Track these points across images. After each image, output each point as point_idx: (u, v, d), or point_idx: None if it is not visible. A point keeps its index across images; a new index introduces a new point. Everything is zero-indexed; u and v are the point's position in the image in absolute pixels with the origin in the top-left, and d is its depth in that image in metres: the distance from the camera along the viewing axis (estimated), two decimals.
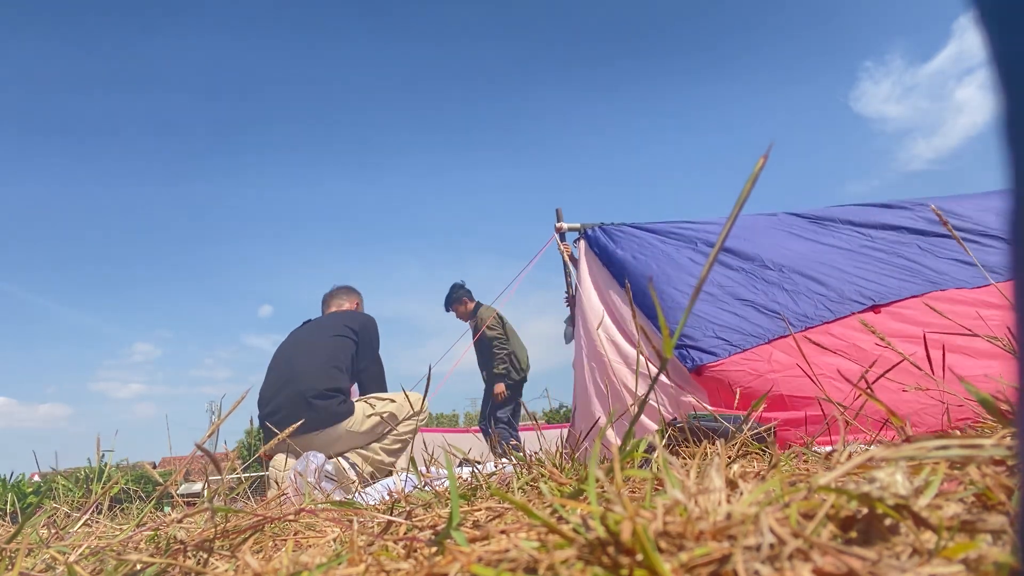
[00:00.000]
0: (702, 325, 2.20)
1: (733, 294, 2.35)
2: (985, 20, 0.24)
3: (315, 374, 2.31)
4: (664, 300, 2.36)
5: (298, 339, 2.55)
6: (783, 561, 0.31)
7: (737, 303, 2.31)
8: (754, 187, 0.36)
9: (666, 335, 0.39)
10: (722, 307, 2.30)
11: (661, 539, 0.35)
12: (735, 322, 2.21)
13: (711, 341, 2.14)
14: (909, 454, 0.38)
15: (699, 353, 2.11)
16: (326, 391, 2.27)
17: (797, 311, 2.23)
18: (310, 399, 2.23)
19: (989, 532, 0.34)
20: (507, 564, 0.37)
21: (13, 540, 0.69)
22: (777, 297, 2.32)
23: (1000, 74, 0.23)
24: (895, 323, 2.16)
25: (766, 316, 2.23)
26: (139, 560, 0.57)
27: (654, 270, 2.52)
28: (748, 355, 2.08)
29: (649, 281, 2.47)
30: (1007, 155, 0.23)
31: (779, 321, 2.17)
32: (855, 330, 2.12)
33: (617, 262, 2.62)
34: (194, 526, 0.88)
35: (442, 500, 0.84)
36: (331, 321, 2.59)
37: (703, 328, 2.19)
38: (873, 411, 1.07)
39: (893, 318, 2.19)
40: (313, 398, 2.23)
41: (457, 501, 0.47)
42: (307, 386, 2.26)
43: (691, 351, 2.13)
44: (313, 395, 2.24)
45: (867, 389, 0.82)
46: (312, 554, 0.54)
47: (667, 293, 2.39)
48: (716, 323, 2.21)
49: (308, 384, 2.27)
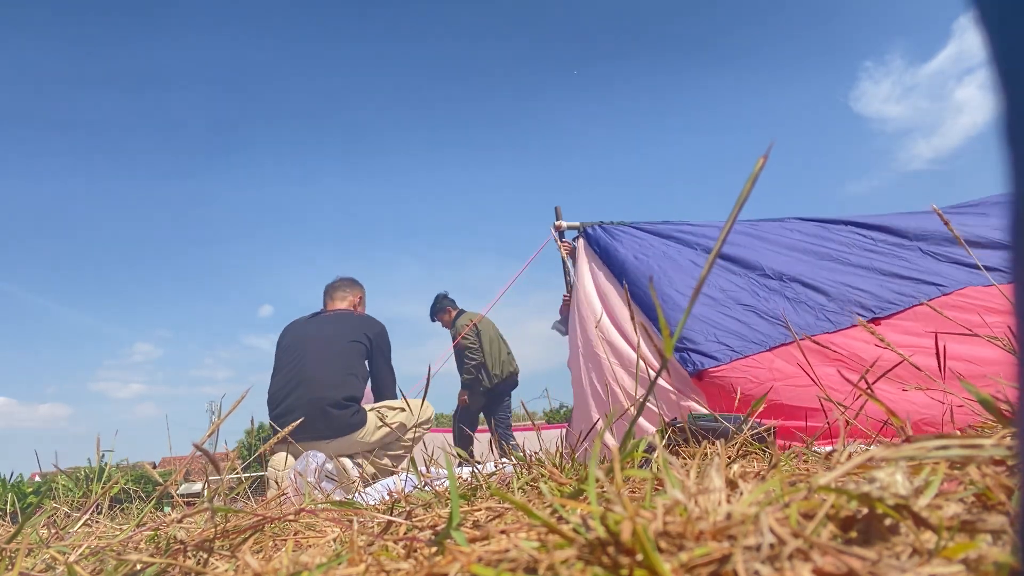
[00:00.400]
0: (703, 329, 2.19)
1: (735, 299, 2.35)
2: (985, 20, 0.24)
3: (332, 382, 2.29)
4: (665, 301, 2.35)
5: (309, 337, 2.50)
6: (783, 561, 0.31)
7: (739, 308, 2.30)
8: (754, 187, 0.36)
9: (666, 335, 0.39)
10: (724, 311, 2.29)
11: (661, 539, 0.35)
12: (737, 327, 2.20)
13: (712, 345, 2.13)
14: (909, 454, 0.38)
15: (700, 357, 2.10)
16: (342, 400, 2.27)
17: (798, 321, 2.22)
18: (326, 407, 2.22)
19: (989, 532, 0.34)
20: (507, 564, 0.37)
21: (13, 540, 0.69)
22: (778, 305, 2.32)
23: (1000, 74, 0.23)
24: (894, 335, 2.15)
25: (768, 323, 2.22)
26: (139, 560, 0.57)
27: (655, 271, 2.51)
28: (749, 361, 2.07)
29: (650, 281, 2.47)
30: (1007, 155, 0.23)
31: (781, 328, 2.16)
32: (855, 340, 2.12)
33: (618, 261, 2.61)
34: (194, 526, 0.88)
35: (442, 500, 0.84)
36: (346, 325, 2.54)
37: (704, 332, 2.18)
38: (874, 412, 1.07)
39: (893, 330, 2.19)
40: (329, 406, 2.23)
41: (457, 501, 0.47)
42: (323, 394, 2.25)
43: (692, 355, 2.12)
44: (329, 403, 2.23)
45: (867, 389, 0.82)
46: (312, 554, 0.54)
47: (668, 295, 2.39)
48: (718, 327, 2.20)
49: (325, 392, 2.25)
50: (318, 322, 2.59)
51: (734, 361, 2.07)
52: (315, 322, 2.60)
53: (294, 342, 2.50)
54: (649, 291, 2.40)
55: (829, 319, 2.23)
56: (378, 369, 2.54)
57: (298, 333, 2.56)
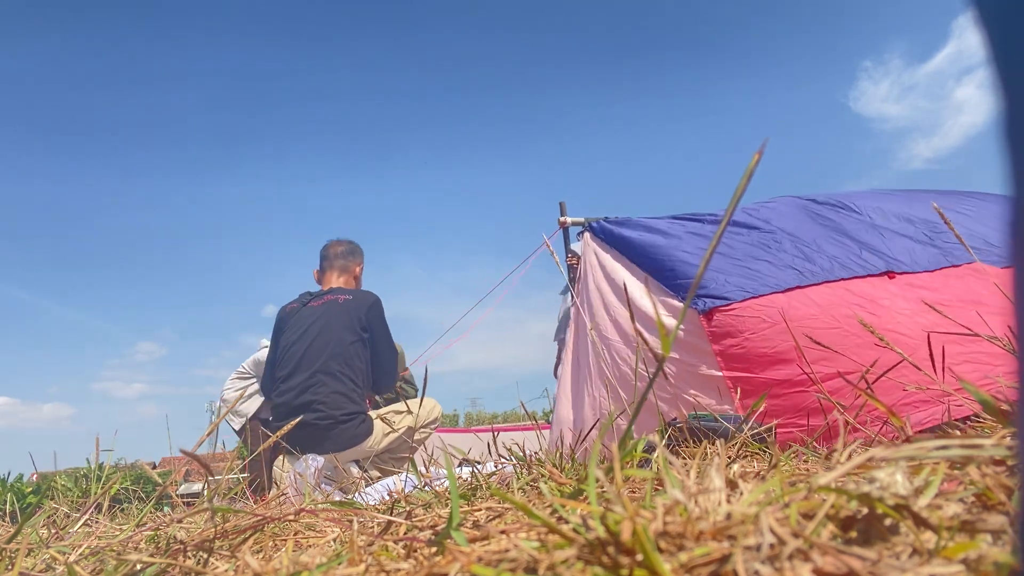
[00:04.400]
0: (715, 277, 2.16)
1: (749, 254, 2.30)
2: (985, 20, 0.24)
3: (337, 399, 2.26)
4: (675, 266, 2.31)
5: (310, 332, 2.39)
6: (783, 561, 0.31)
7: (751, 261, 2.26)
8: (750, 183, 0.36)
9: (663, 334, 0.39)
10: (736, 263, 2.26)
11: (661, 539, 0.35)
12: (750, 275, 2.16)
13: (725, 288, 2.09)
14: (909, 454, 0.39)
15: (711, 299, 2.05)
16: (348, 414, 2.25)
17: (813, 268, 2.20)
18: (333, 424, 2.21)
19: (989, 532, 0.34)
20: (507, 564, 0.37)
21: (13, 540, 0.69)
22: (791, 256, 2.29)
23: (1000, 74, 0.23)
24: (912, 291, 2.13)
25: (782, 271, 2.19)
26: (139, 560, 0.57)
27: (664, 236, 2.47)
28: (763, 301, 2.03)
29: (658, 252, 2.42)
30: (1007, 155, 0.23)
31: (794, 273, 2.13)
32: (873, 287, 2.10)
33: (624, 240, 2.58)
34: (194, 526, 0.87)
35: (442, 500, 0.84)
36: (345, 318, 2.42)
37: (716, 280, 2.14)
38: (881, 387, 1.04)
39: (910, 286, 2.16)
40: (337, 423, 2.22)
41: (457, 501, 0.47)
42: (328, 412, 2.22)
43: (702, 298, 2.07)
44: (337, 420, 2.22)
45: (867, 389, 0.82)
46: (312, 554, 0.54)
47: (679, 257, 2.34)
48: (731, 275, 2.17)
49: (330, 411, 2.23)
50: (320, 317, 2.44)
51: (747, 300, 2.03)
52: (317, 317, 2.45)
53: (298, 339, 2.40)
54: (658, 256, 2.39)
55: (845, 267, 2.20)
56: (377, 354, 2.49)
57: (299, 326, 2.44)
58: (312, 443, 2.17)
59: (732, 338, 1.99)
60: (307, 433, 2.17)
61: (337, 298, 2.50)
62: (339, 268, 2.66)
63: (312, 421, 2.19)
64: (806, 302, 2.02)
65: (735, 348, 1.98)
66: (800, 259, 2.26)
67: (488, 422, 14.56)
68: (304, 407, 2.23)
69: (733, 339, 1.99)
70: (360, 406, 2.32)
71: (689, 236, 2.50)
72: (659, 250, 2.43)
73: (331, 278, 2.65)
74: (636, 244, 2.52)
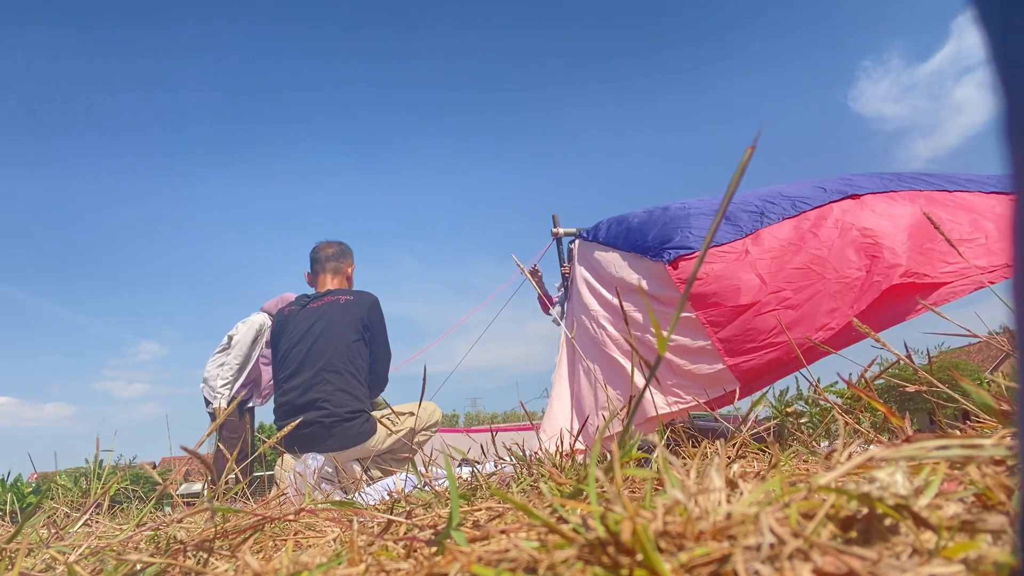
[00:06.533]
0: (680, 232, 2.26)
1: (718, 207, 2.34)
2: (985, 20, 0.24)
3: (342, 397, 2.27)
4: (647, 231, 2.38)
5: (312, 332, 2.38)
6: (783, 561, 0.31)
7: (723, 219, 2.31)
8: (743, 177, 0.35)
9: (659, 333, 0.39)
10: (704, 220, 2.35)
11: (661, 539, 0.35)
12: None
13: (688, 240, 2.21)
14: (909, 454, 0.39)
15: (676, 250, 2.18)
16: (352, 412, 2.26)
17: (775, 208, 2.28)
18: (337, 423, 2.22)
19: (989, 532, 0.34)
20: (507, 564, 0.37)
21: (13, 540, 0.69)
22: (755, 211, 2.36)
23: (1000, 74, 0.23)
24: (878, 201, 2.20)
25: (745, 214, 2.27)
26: (139, 560, 0.57)
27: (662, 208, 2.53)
28: (726, 248, 2.15)
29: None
30: (1007, 155, 0.23)
31: (757, 216, 2.22)
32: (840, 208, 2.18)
33: (614, 231, 2.63)
34: (194, 526, 0.88)
35: (442, 500, 0.84)
36: (347, 318, 2.42)
37: (681, 233, 2.25)
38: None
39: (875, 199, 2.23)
40: (341, 421, 2.22)
41: (457, 501, 0.47)
42: (332, 410, 2.23)
43: (667, 250, 2.20)
44: (341, 419, 2.23)
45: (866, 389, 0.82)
46: (312, 554, 0.54)
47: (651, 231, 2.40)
48: (695, 229, 2.27)
49: (335, 408, 2.24)
50: (321, 317, 2.44)
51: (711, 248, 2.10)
52: (318, 317, 2.44)
53: (299, 344, 2.40)
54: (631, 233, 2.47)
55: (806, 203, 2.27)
56: (375, 355, 2.50)
57: (299, 328, 2.43)
58: (316, 441, 2.18)
59: (698, 280, 2.09)
60: (312, 431, 2.18)
61: (338, 298, 2.50)
62: (332, 270, 2.67)
63: (317, 419, 2.20)
64: (768, 238, 2.14)
65: (702, 287, 2.09)
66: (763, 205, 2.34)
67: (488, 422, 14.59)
68: (308, 405, 2.23)
69: (699, 280, 2.09)
70: (364, 404, 2.32)
71: (660, 211, 2.59)
72: (632, 231, 2.54)
73: (325, 280, 2.66)
74: (634, 227, 2.59)
